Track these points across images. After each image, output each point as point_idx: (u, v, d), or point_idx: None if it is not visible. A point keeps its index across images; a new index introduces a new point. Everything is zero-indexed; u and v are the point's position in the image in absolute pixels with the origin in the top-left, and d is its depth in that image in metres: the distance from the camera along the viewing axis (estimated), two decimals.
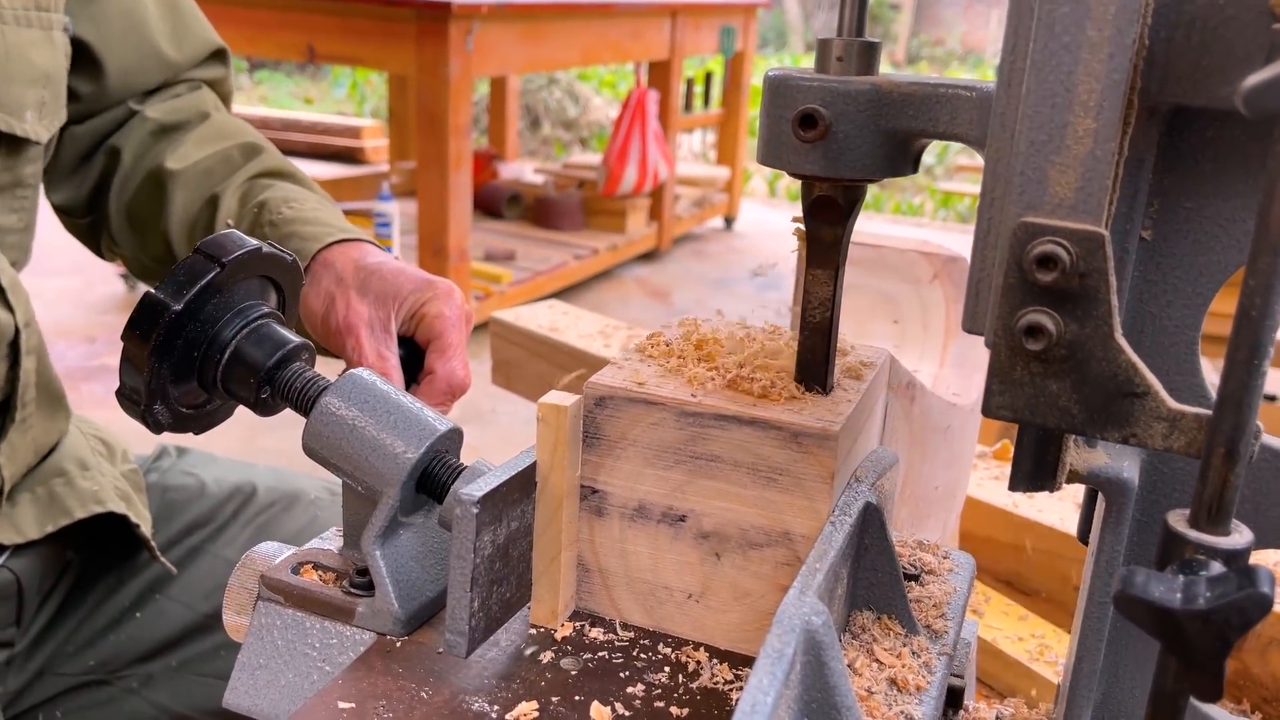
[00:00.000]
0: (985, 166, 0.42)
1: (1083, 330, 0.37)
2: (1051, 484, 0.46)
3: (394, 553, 0.55)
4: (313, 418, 0.55)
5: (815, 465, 0.50)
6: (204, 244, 0.55)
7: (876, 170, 0.48)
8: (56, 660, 0.96)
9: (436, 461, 0.56)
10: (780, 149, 0.48)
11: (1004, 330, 0.38)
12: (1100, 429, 0.38)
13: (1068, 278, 0.37)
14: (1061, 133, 0.38)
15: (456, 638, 0.49)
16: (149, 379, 0.53)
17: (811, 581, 0.45)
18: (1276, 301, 0.33)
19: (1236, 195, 0.45)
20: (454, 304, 0.79)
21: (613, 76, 9.02)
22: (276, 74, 10.06)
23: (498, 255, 4.28)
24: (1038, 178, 0.39)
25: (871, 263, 0.76)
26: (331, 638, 0.54)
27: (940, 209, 6.97)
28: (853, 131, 0.46)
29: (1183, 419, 0.37)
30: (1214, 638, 0.33)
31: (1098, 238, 0.37)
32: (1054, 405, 0.39)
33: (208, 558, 1.04)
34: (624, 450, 0.54)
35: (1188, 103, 0.41)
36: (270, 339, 0.58)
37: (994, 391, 0.39)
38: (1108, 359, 0.38)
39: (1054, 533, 0.93)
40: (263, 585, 0.56)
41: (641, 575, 0.55)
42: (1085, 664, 0.52)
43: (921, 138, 0.47)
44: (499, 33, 3.66)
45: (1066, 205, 0.38)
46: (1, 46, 0.81)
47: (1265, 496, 0.48)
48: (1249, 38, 0.39)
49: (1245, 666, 0.81)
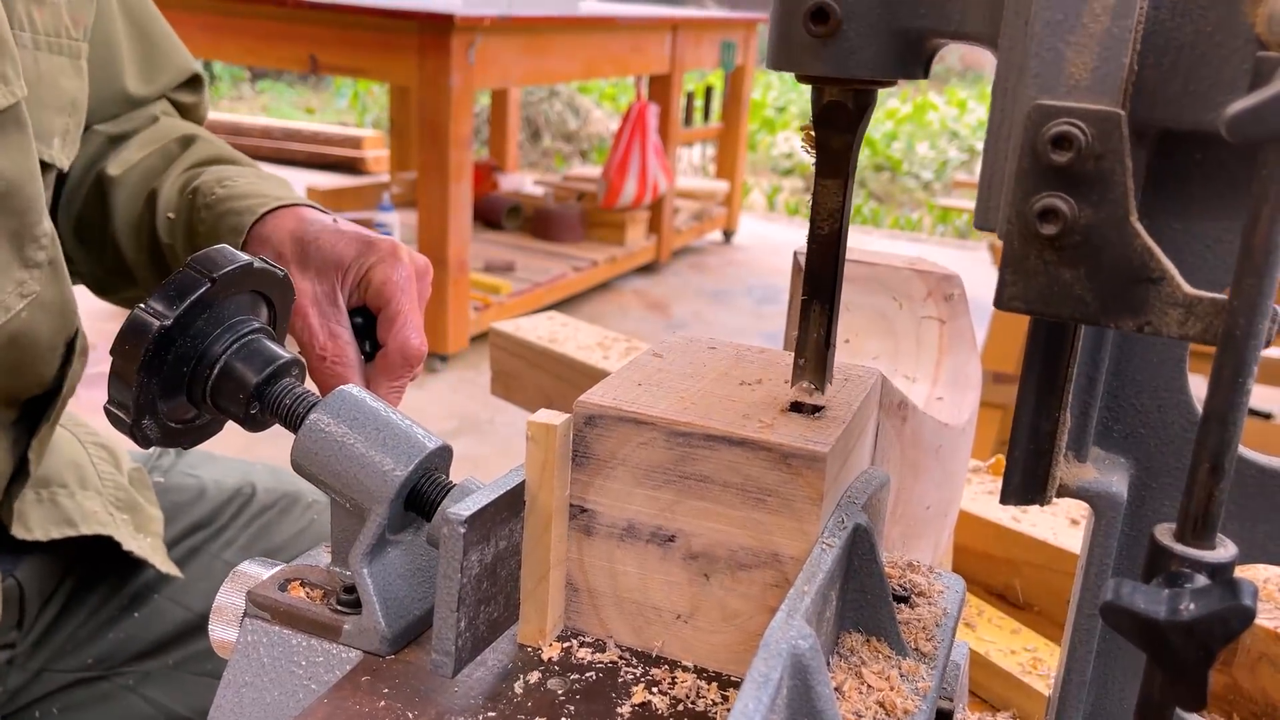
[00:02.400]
0: (999, 58, 0.42)
1: (1098, 214, 0.37)
2: (1041, 498, 0.46)
3: (382, 571, 0.54)
4: (301, 434, 0.55)
5: (804, 487, 0.50)
6: (195, 259, 0.55)
7: (888, 70, 0.47)
8: (55, 658, 0.97)
9: (425, 479, 0.55)
10: (791, 49, 0.47)
11: (1017, 217, 0.38)
12: (1115, 317, 0.38)
13: (1083, 159, 0.36)
14: (1078, 10, 0.38)
15: (443, 658, 0.48)
16: (137, 394, 0.53)
17: (799, 605, 0.45)
18: (1261, 321, 0.34)
19: (1223, 217, 0.45)
20: (400, 266, 0.75)
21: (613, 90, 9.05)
22: (278, 84, 10.08)
23: (497, 266, 4.29)
24: (1053, 59, 0.38)
25: (865, 280, 0.76)
26: (318, 656, 0.54)
27: (938, 224, 6.99)
28: (864, 30, 0.46)
29: (1199, 304, 0.37)
30: (1197, 648, 0.34)
31: (1114, 117, 0.36)
32: (1068, 294, 0.38)
33: (206, 558, 1.04)
34: (613, 469, 0.53)
35: (1175, 126, 0.41)
36: (260, 354, 0.58)
37: (1007, 282, 0.39)
38: (1123, 243, 0.37)
39: (1046, 547, 0.93)
40: (249, 602, 0.56)
41: (630, 595, 0.55)
42: (1075, 675, 0.52)
43: (933, 37, 0.47)
44: (501, 45, 3.68)
45: (1082, 86, 0.38)
46: (34, 72, 0.80)
47: (1251, 512, 0.48)
48: (1235, 64, 0.39)
49: (1235, 682, 0.81)
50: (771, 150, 8.32)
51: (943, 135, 8.82)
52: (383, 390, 0.75)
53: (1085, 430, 0.49)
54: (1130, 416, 0.50)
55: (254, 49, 3.97)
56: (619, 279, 4.91)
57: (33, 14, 0.79)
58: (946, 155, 8.40)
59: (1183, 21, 0.40)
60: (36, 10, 0.80)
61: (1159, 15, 0.41)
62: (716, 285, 5.06)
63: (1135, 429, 0.50)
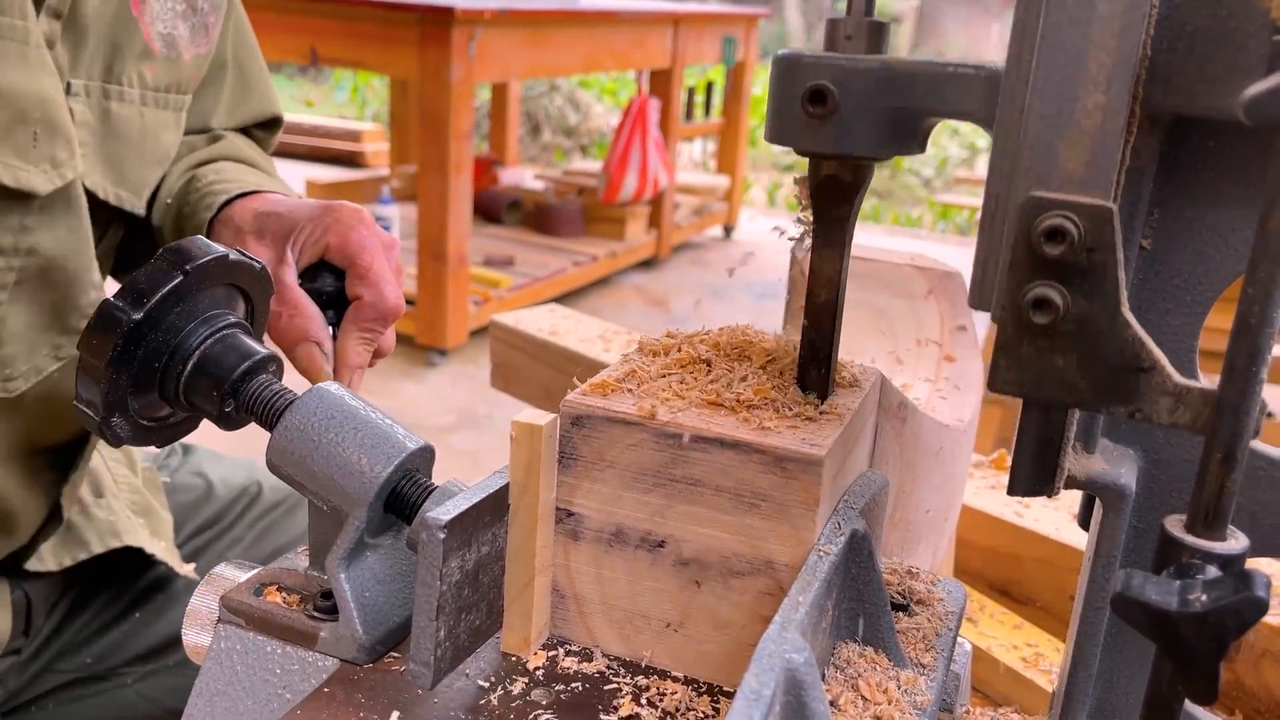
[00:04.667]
0: (994, 144, 0.42)
1: (1090, 305, 0.37)
2: (1050, 489, 0.46)
3: (360, 575, 0.52)
4: (277, 433, 0.53)
5: (799, 491, 0.48)
6: (168, 250, 0.53)
7: (884, 148, 0.47)
8: (58, 659, 0.96)
9: (406, 480, 0.53)
10: (789, 127, 0.48)
11: (1011, 304, 0.38)
12: (1106, 404, 0.38)
13: (1075, 252, 0.37)
14: (1071, 107, 0.38)
15: (421, 669, 0.46)
16: (106, 390, 0.51)
17: (793, 616, 0.43)
18: (1275, 309, 0.34)
19: (1236, 205, 0.45)
20: (362, 225, 0.73)
21: (614, 84, 9.02)
22: (278, 76, 10.05)
23: (497, 261, 4.27)
24: (1047, 153, 0.39)
25: (865, 277, 0.74)
26: (293, 664, 0.52)
27: (939, 221, 6.96)
28: (861, 109, 0.46)
29: (1188, 394, 0.37)
30: (1209, 640, 0.34)
31: (1106, 212, 0.37)
32: (1060, 380, 0.39)
33: (212, 558, 1.04)
34: (601, 472, 0.51)
35: (1188, 113, 0.41)
36: (236, 350, 0.56)
37: (1000, 366, 0.39)
38: (1115, 333, 0.37)
39: (1050, 542, 0.93)
40: (223, 607, 0.54)
41: (618, 602, 0.53)
42: (1080, 669, 0.51)
43: (930, 117, 0.47)
44: (501, 38, 3.65)
45: (1076, 180, 0.39)
46: (139, 128, 0.80)
47: (1262, 504, 0.48)
48: (1250, 49, 0.39)
49: (1238, 678, 0.81)
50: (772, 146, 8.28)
51: (943, 132, 8.79)
52: (352, 340, 0.73)
53: (1094, 421, 0.49)
54: None
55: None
56: (619, 274, 4.89)
57: (143, 72, 0.79)
58: (947, 152, 8.37)
59: (1197, 7, 0.40)
60: (148, 69, 0.79)
61: (1174, 1, 0.40)
62: (716, 280, 5.04)
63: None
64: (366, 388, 0.74)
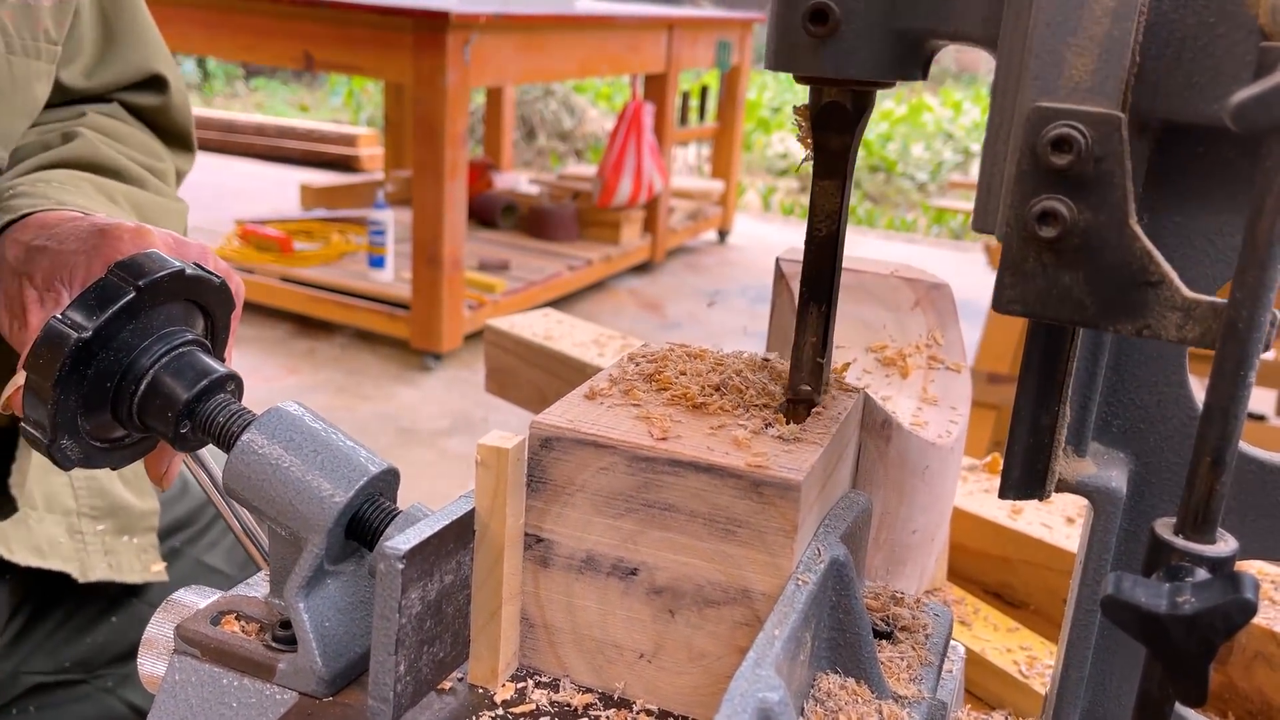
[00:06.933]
0: (998, 60, 0.41)
1: (1097, 217, 0.36)
2: (1040, 492, 0.46)
3: (319, 605, 0.50)
4: (233, 456, 0.51)
5: (777, 517, 0.46)
6: (120, 264, 0.51)
7: (886, 71, 0.46)
8: (29, 660, 0.93)
9: (368, 504, 0.51)
10: (790, 51, 0.46)
11: (1016, 219, 0.37)
12: (1114, 321, 0.37)
13: (1083, 162, 0.36)
14: (1079, 13, 0.37)
15: (380, 704, 0.44)
16: (54, 411, 0.49)
17: (769, 651, 0.41)
18: (1263, 314, 0.33)
19: (1224, 210, 0.44)
20: (149, 235, 0.63)
21: (609, 89, 9.01)
22: (273, 81, 10.02)
23: (492, 265, 4.25)
24: (1053, 61, 0.38)
25: (850, 289, 0.72)
26: (250, 696, 0.50)
27: (933, 225, 6.95)
28: (863, 30, 0.45)
29: (1198, 308, 0.36)
30: (1198, 642, 0.34)
31: (1114, 120, 0.36)
32: (1067, 297, 0.38)
33: (187, 562, 1.01)
34: (571, 496, 0.49)
35: (1177, 118, 0.41)
36: (192, 368, 0.53)
37: (1005, 285, 0.38)
38: (1122, 247, 0.37)
39: (1043, 545, 0.92)
40: (178, 637, 0.51)
41: (590, 632, 0.51)
42: (1072, 671, 0.50)
43: (932, 38, 0.46)
44: (496, 43, 3.64)
45: (1083, 88, 0.37)
46: (9, 77, 0.75)
47: (1251, 507, 0.47)
48: (1238, 55, 0.39)
49: (1230, 680, 0.80)
50: (767, 150, 8.27)
51: (938, 136, 8.78)
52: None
53: (1085, 425, 0.48)
54: (1130, 411, 0.49)
55: (249, 45, 3.93)
56: (614, 278, 4.87)
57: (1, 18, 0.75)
58: (941, 156, 8.35)
59: (1185, 13, 0.40)
60: (7, 14, 0.75)
61: (1161, 7, 0.40)
62: (711, 285, 5.02)
63: (1135, 424, 0.49)
64: (361, 392, 0.71)
